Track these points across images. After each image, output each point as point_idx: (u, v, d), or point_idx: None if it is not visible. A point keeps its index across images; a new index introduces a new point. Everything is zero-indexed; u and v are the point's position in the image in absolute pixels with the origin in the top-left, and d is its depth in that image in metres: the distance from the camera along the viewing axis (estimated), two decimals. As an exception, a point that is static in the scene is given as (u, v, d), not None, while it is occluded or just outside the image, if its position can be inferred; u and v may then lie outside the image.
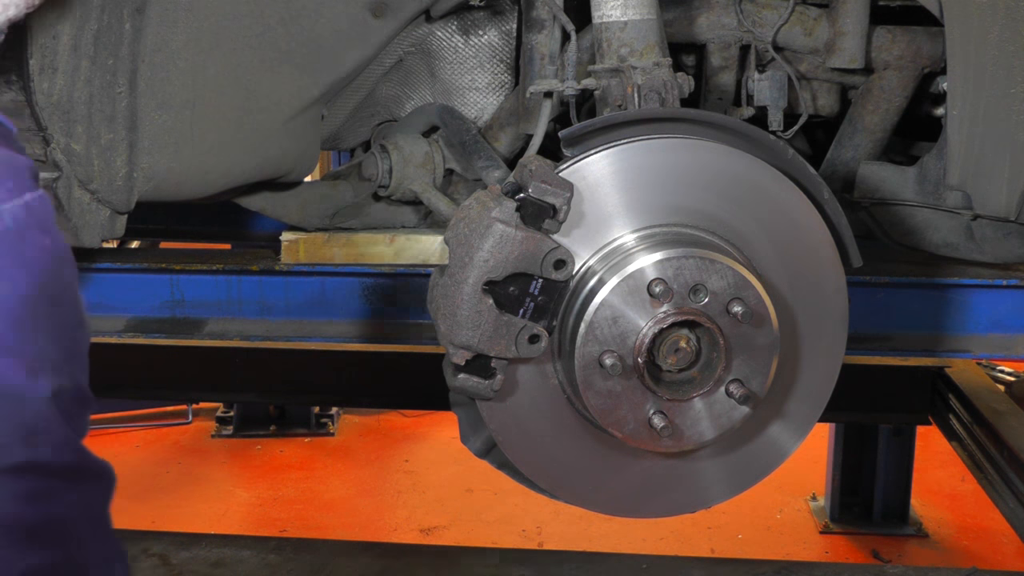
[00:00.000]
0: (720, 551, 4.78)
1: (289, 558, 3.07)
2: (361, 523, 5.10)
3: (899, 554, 4.84)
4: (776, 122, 2.19)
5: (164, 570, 3.03)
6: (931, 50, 2.21)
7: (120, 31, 1.84)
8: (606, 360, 1.57)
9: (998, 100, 1.91)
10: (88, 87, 1.84)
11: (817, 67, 2.26)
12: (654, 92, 1.81)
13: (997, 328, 2.47)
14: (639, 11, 1.86)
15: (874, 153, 2.29)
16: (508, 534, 4.93)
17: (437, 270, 1.64)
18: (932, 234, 2.26)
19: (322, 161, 5.45)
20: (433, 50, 2.31)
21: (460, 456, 3.84)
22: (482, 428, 1.75)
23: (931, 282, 2.43)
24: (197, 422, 6.27)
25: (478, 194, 1.60)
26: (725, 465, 1.78)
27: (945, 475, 5.50)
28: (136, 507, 5.13)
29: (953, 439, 3.66)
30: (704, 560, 3.30)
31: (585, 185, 1.61)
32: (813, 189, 1.71)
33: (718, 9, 2.22)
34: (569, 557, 3.11)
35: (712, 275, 1.58)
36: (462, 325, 1.56)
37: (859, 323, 2.20)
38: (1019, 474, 3.03)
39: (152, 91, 1.91)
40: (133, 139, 1.91)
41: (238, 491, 5.46)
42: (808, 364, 1.75)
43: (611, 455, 1.73)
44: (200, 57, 1.95)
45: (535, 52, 2.15)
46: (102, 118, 1.87)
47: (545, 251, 1.56)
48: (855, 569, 3.76)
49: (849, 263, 1.75)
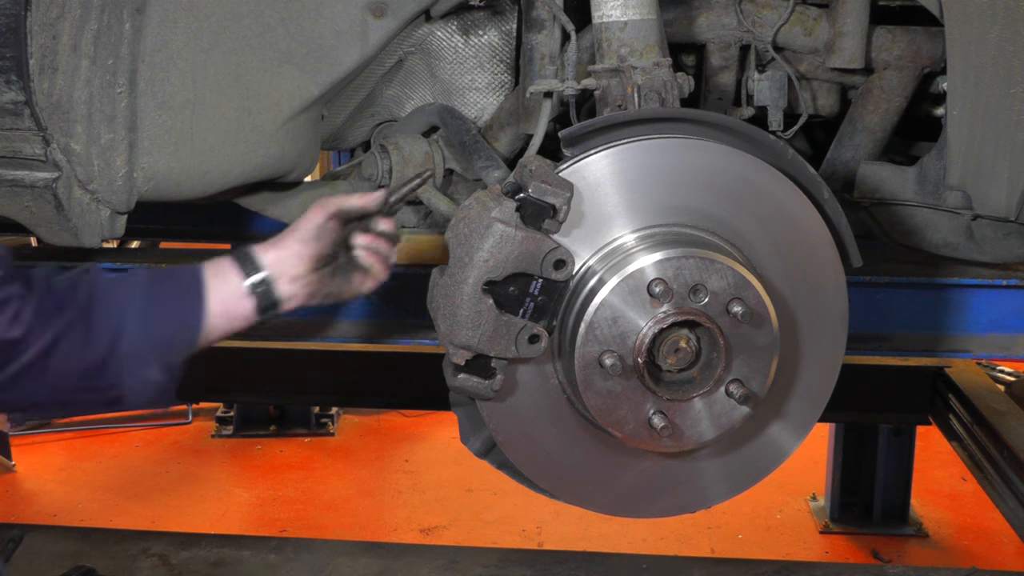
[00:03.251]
0: (720, 551, 4.78)
1: (289, 558, 3.07)
2: (361, 523, 5.10)
3: (899, 554, 4.84)
4: (776, 122, 2.19)
5: (164, 570, 3.04)
6: (931, 50, 2.21)
7: (120, 31, 1.84)
8: (606, 360, 1.57)
9: (998, 100, 1.91)
10: (88, 87, 1.84)
11: (817, 67, 2.26)
12: (654, 92, 1.81)
13: (997, 328, 2.47)
14: (639, 11, 1.86)
15: (874, 153, 2.29)
16: (508, 534, 4.93)
17: (437, 270, 1.64)
18: (932, 234, 2.26)
19: (322, 161, 5.44)
20: (433, 50, 2.30)
21: (460, 456, 3.84)
22: (482, 428, 1.75)
23: (931, 282, 2.43)
24: (197, 422, 6.27)
25: (478, 194, 1.60)
26: (725, 465, 1.78)
27: (945, 475, 5.50)
28: (136, 507, 5.13)
29: (953, 439, 3.66)
30: (704, 560, 3.31)
31: (585, 185, 1.61)
32: (813, 189, 1.71)
33: (718, 9, 2.22)
34: (569, 557, 3.12)
35: (712, 275, 1.58)
36: (462, 325, 1.56)
37: (859, 323, 2.19)
38: (1019, 474, 3.04)
39: (152, 91, 1.91)
40: (133, 139, 1.91)
41: (238, 491, 5.47)
42: (808, 364, 1.75)
43: (611, 455, 1.73)
44: (200, 57, 1.95)
45: (535, 52, 2.15)
46: (102, 118, 1.87)
47: (545, 251, 1.56)
48: (855, 569, 3.76)
49: (849, 263, 1.75)
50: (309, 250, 1.74)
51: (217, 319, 1.71)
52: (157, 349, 1.68)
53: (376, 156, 2.25)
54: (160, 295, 1.71)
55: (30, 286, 1.62)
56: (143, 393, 1.70)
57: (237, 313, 1.72)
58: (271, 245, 1.76)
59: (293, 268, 1.73)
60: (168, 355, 1.69)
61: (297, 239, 1.75)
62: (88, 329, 1.63)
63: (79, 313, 1.63)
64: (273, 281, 1.72)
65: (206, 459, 5.85)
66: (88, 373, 1.65)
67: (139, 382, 1.68)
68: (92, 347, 1.64)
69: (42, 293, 1.62)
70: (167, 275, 1.76)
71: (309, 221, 1.76)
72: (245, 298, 1.71)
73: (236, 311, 1.72)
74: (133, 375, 1.67)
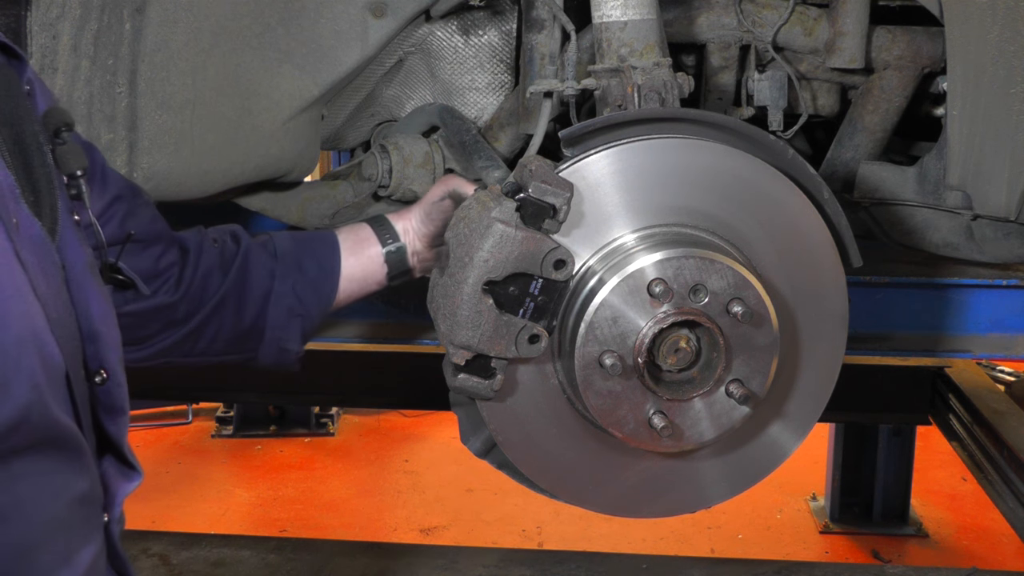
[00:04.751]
0: (720, 551, 4.79)
1: (289, 558, 3.07)
2: (361, 523, 5.10)
3: (899, 554, 4.84)
4: (776, 122, 2.19)
5: (164, 570, 3.04)
6: (931, 50, 2.21)
7: (120, 31, 1.84)
8: (606, 360, 1.57)
9: (998, 100, 1.91)
10: (88, 87, 1.84)
11: (817, 67, 2.26)
12: (654, 92, 1.81)
13: (997, 328, 2.48)
14: (639, 11, 1.86)
15: (874, 153, 2.29)
16: (508, 534, 4.93)
17: (437, 270, 1.64)
18: (932, 234, 2.26)
19: (322, 161, 5.44)
20: (433, 50, 2.30)
21: (460, 456, 3.84)
22: (482, 428, 1.75)
23: (931, 282, 2.44)
24: (197, 422, 6.27)
25: (478, 194, 1.60)
26: (725, 465, 1.78)
27: (945, 475, 5.50)
28: (136, 507, 5.12)
29: (953, 439, 3.66)
30: (704, 560, 3.31)
31: (585, 185, 1.61)
32: (813, 189, 1.71)
33: (718, 9, 2.22)
34: (569, 557, 3.12)
35: (712, 275, 1.58)
36: (462, 325, 1.55)
37: (859, 323, 2.20)
38: (1019, 474, 3.04)
39: (152, 91, 1.91)
40: (133, 139, 1.91)
41: (238, 491, 5.47)
42: (808, 364, 1.75)
43: (611, 455, 1.73)
44: (200, 57, 1.95)
45: (535, 52, 2.15)
46: (102, 118, 1.87)
47: (545, 251, 1.56)
48: (855, 569, 3.76)
49: (849, 263, 1.74)
50: (427, 228, 1.80)
51: (352, 283, 1.78)
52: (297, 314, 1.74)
53: (376, 156, 2.25)
54: (303, 263, 1.77)
55: (185, 252, 1.68)
56: (279, 358, 1.77)
57: (372, 279, 1.80)
58: (400, 215, 1.83)
59: (418, 239, 1.81)
60: (306, 321, 1.76)
61: (418, 216, 1.81)
62: (241, 298, 1.70)
63: (234, 283, 1.69)
64: (407, 250, 1.80)
65: (206, 459, 5.86)
66: (236, 339, 1.72)
67: (276, 349, 1.75)
68: (243, 315, 1.71)
69: (196, 259, 1.68)
70: (309, 242, 1.81)
71: (429, 198, 1.82)
72: (381, 264, 1.79)
73: (372, 277, 1.80)
74: (272, 341, 1.74)
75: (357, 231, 1.81)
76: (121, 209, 1.58)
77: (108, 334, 1.30)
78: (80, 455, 1.21)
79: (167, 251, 1.66)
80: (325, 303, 1.78)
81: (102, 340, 1.28)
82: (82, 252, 1.30)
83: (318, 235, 1.83)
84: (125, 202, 1.60)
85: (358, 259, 1.79)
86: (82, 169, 1.34)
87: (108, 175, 1.58)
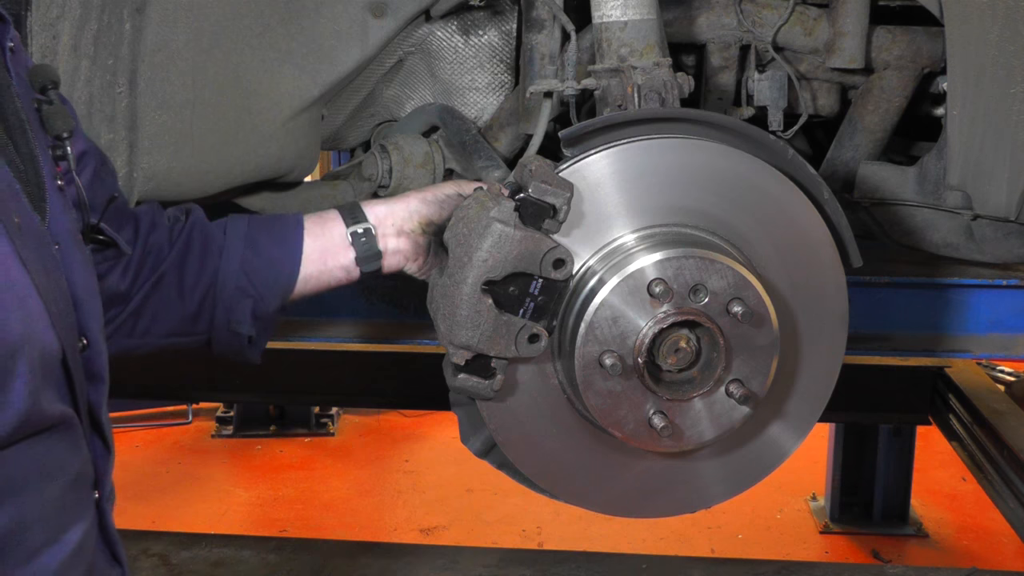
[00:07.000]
0: (720, 551, 4.79)
1: (289, 558, 3.07)
2: (361, 523, 5.11)
3: (899, 554, 4.84)
4: (776, 122, 2.19)
5: (164, 570, 3.04)
6: (931, 50, 2.21)
7: (120, 31, 1.84)
8: (606, 360, 1.57)
9: (998, 100, 1.91)
10: (88, 87, 1.83)
11: (817, 67, 2.26)
12: (654, 92, 1.81)
13: (997, 328, 2.48)
14: (639, 11, 1.86)
15: (874, 153, 2.29)
16: (508, 534, 4.93)
17: (436, 270, 1.64)
18: (932, 234, 2.26)
19: (322, 161, 5.45)
20: (433, 50, 2.31)
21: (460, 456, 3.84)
22: (482, 428, 1.75)
23: (931, 282, 2.43)
24: (197, 422, 6.27)
25: (477, 194, 1.60)
26: (725, 465, 1.78)
27: (945, 475, 5.51)
28: (136, 507, 5.13)
29: (953, 439, 3.66)
30: (704, 560, 3.31)
31: (585, 185, 1.61)
32: (813, 189, 1.71)
33: (718, 9, 2.22)
34: (569, 557, 3.12)
35: (712, 275, 1.58)
36: (462, 325, 1.55)
37: (859, 323, 2.19)
38: (1019, 474, 3.03)
39: (152, 91, 1.91)
40: (133, 139, 1.91)
41: (238, 491, 5.47)
42: (808, 364, 1.75)
43: (611, 455, 1.73)
44: (200, 57, 1.95)
45: (535, 52, 2.15)
46: (102, 118, 1.87)
47: (544, 250, 1.55)
48: (855, 569, 3.76)
49: (849, 263, 1.74)
50: (427, 210, 1.73)
51: (314, 266, 1.70)
52: (249, 295, 1.67)
53: (376, 156, 2.25)
54: (257, 241, 1.69)
55: (137, 230, 1.62)
56: (231, 343, 1.70)
57: (336, 262, 1.71)
58: (386, 200, 1.75)
59: (403, 222, 1.73)
60: (259, 302, 1.68)
61: (418, 197, 1.75)
62: (181, 275, 1.63)
63: (175, 259, 1.63)
64: (376, 233, 1.71)
65: (206, 459, 5.86)
66: (181, 319, 1.65)
67: (228, 332, 1.68)
68: (186, 293, 1.64)
69: (147, 235, 1.62)
70: (267, 222, 1.74)
71: (438, 188, 1.77)
72: (346, 247, 1.70)
73: (335, 260, 1.71)
74: (223, 324, 1.67)
75: (323, 214, 1.74)
76: (89, 165, 1.53)
77: (89, 302, 1.29)
78: (73, 435, 1.22)
79: (125, 226, 1.61)
80: (284, 284, 1.69)
81: (83, 308, 1.27)
82: (65, 219, 1.29)
83: (280, 216, 1.77)
84: (92, 159, 1.54)
85: (320, 241, 1.71)
86: (68, 131, 1.32)
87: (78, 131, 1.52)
